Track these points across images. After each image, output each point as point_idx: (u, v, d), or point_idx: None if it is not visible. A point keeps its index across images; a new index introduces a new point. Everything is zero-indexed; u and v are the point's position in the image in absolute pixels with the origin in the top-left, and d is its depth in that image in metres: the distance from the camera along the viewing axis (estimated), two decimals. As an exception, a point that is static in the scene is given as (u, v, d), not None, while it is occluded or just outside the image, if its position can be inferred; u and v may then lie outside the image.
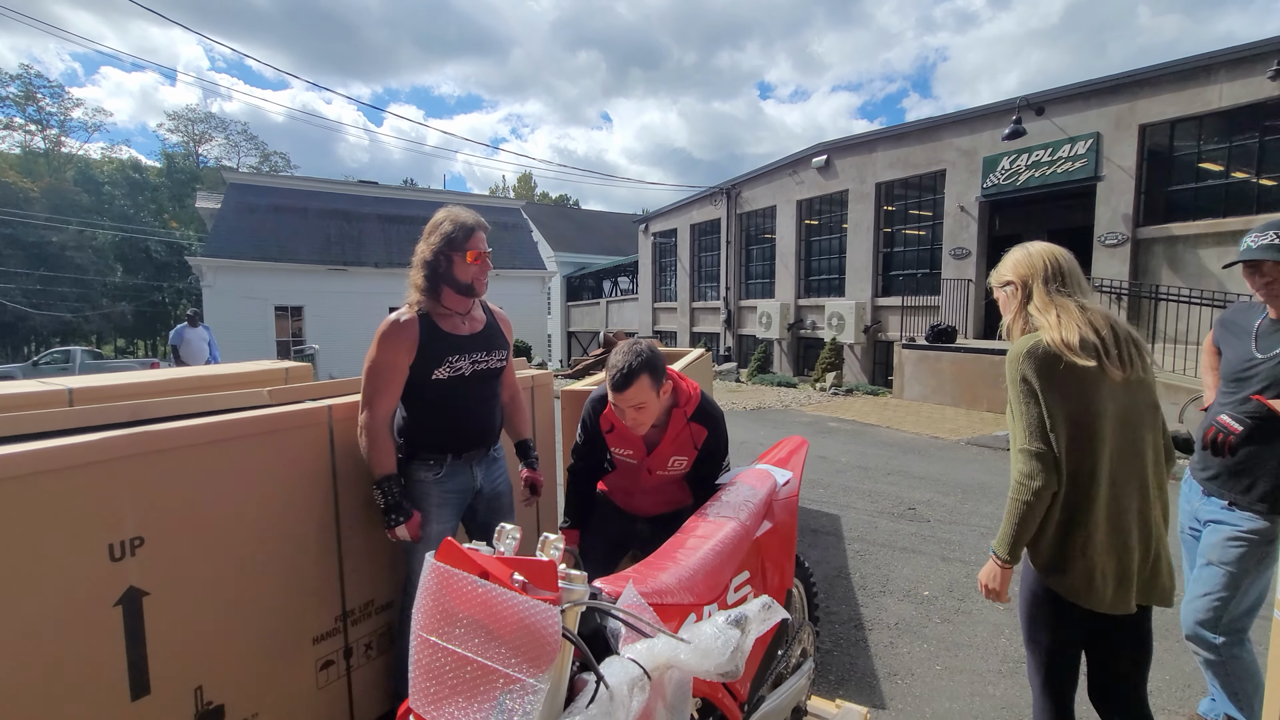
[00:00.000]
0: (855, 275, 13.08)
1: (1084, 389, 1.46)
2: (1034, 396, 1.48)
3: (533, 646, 0.81)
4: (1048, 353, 1.47)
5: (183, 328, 8.94)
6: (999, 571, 1.59)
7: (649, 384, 1.82)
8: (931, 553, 3.88)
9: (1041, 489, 1.45)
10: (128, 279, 35.40)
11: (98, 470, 1.49)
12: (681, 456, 2.01)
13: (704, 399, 2.04)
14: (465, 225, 2.03)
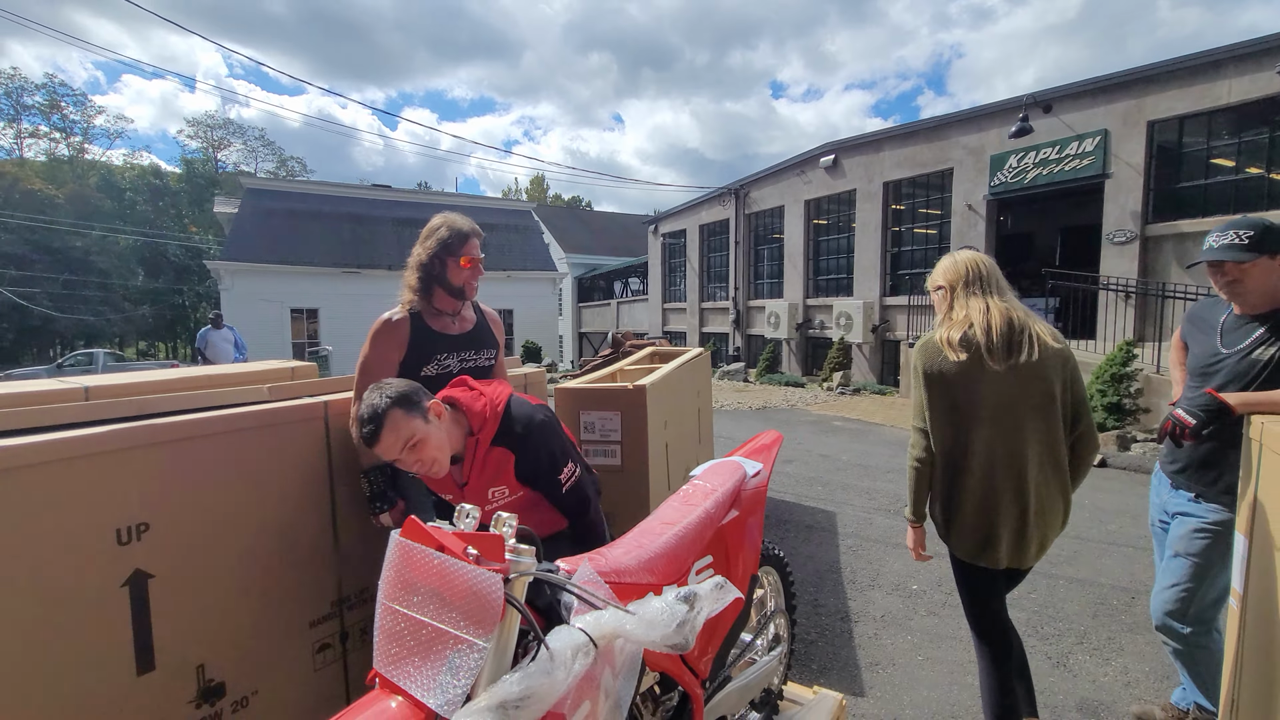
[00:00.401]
0: (863, 275, 13.06)
1: (961, 378, 1.73)
2: (918, 382, 1.84)
3: (478, 610, 0.90)
4: (928, 346, 1.80)
5: (207, 330, 9.15)
6: (910, 530, 2.04)
7: (403, 417, 1.55)
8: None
9: (921, 457, 1.87)
10: (149, 283, 36.15)
11: (107, 460, 1.60)
12: (501, 486, 1.74)
13: (507, 416, 1.74)
14: (460, 232, 2.13)
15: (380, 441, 1.55)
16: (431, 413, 1.62)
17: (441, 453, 1.62)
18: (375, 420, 1.54)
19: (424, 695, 0.88)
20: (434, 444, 1.60)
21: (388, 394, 1.57)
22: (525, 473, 1.73)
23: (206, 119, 44.03)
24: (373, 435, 1.55)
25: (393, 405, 1.55)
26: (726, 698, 1.62)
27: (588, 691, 1.01)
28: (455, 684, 0.87)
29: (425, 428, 1.58)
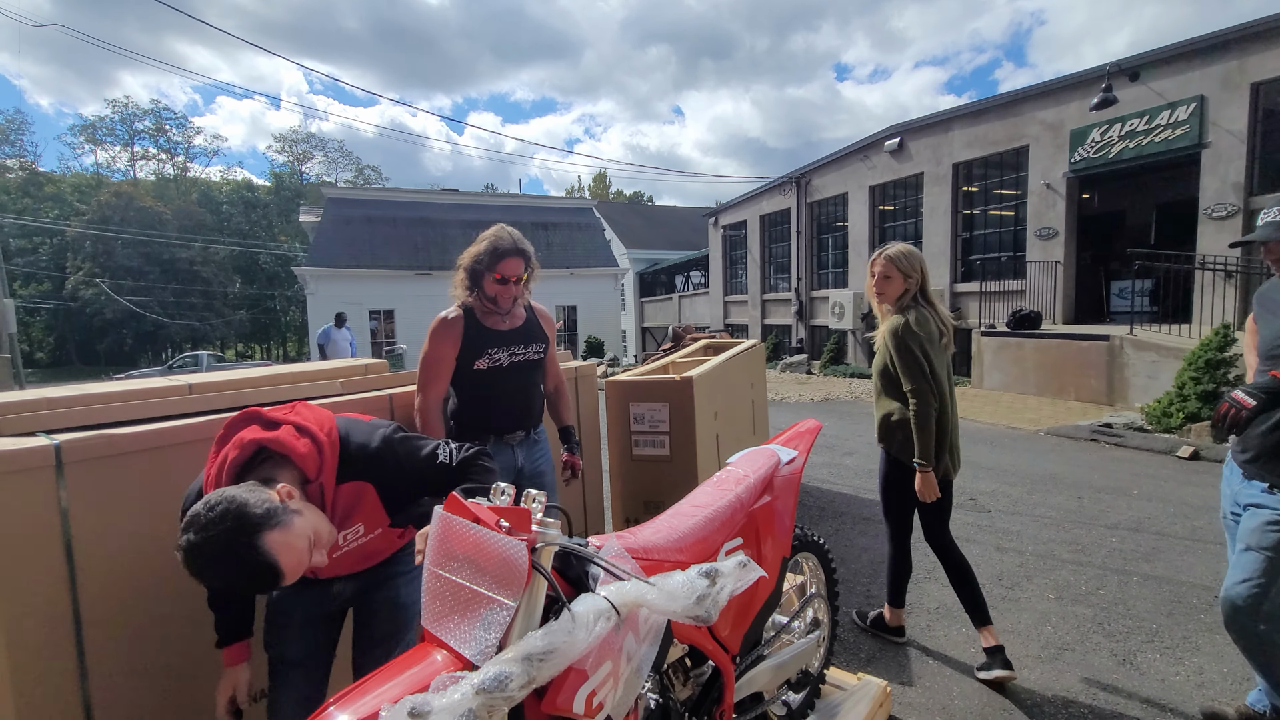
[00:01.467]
0: (932, 261, 12.55)
1: (936, 349, 2.45)
2: (919, 353, 2.40)
3: (507, 574, 1.01)
4: (925, 324, 2.44)
5: (329, 328, 9.79)
6: (925, 476, 2.44)
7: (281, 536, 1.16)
8: (986, 542, 3.81)
9: (934, 405, 2.40)
10: (244, 289, 39.06)
11: (199, 447, 1.82)
12: (357, 524, 1.45)
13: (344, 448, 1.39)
14: (496, 251, 2.25)
15: (209, 576, 1.15)
16: (282, 498, 1.21)
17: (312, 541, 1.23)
18: (208, 556, 1.10)
19: (461, 647, 1.00)
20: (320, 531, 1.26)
21: (226, 508, 1.12)
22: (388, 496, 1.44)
23: (291, 134, 47.06)
24: (203, 569, 1.12)
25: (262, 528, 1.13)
26: (760, 674, 1.68)
27: (609, 653, 1.10)
28: (487, 637, 0.99)
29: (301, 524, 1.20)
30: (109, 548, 1.64)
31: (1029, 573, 3.37)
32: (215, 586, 1.29)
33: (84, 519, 1.60)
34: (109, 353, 34.64)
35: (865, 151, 14.01)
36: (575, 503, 3.17)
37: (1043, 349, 8.91)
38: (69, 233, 34.14)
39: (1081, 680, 2.43)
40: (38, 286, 35.30)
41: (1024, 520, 4.16)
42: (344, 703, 0.93)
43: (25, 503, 1.51)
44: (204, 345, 35.26)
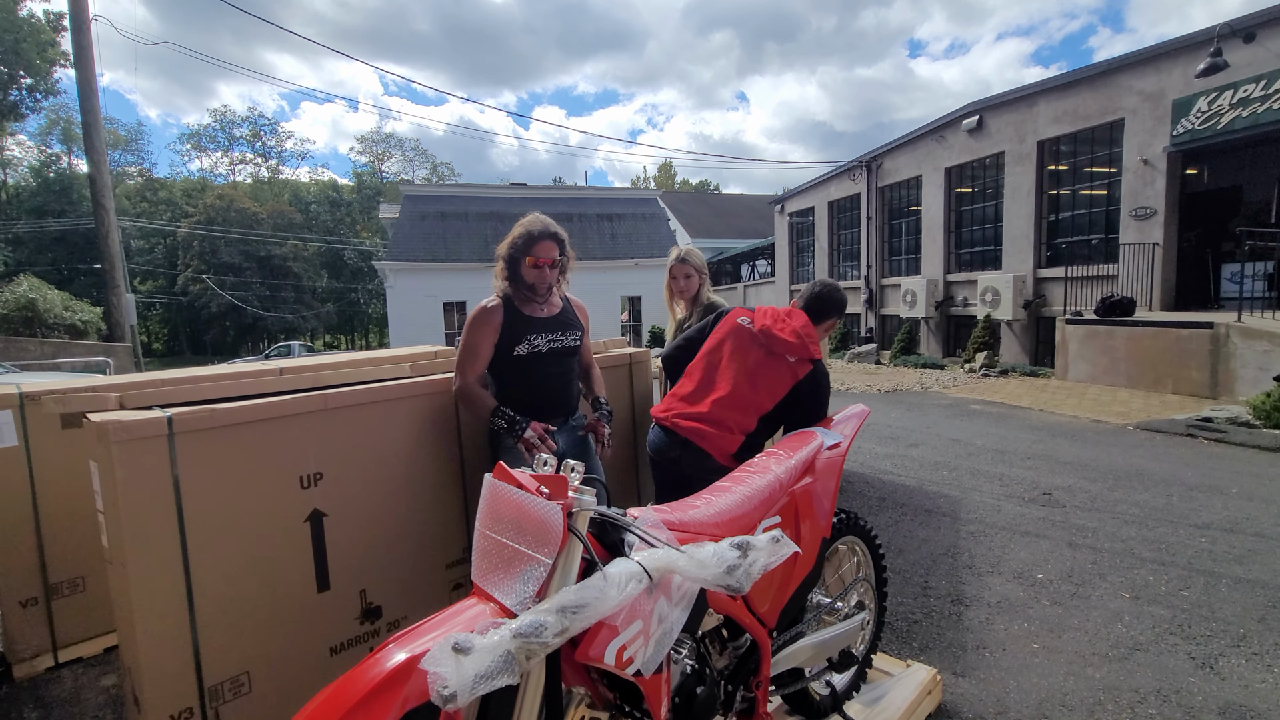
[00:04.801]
0: (1013, 245, 11.89)
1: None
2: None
3: (545, 535, 1.10)
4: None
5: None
6: None
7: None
8: (1057, 538, 3.65)
9: None
10: (331, 283, 41.50)
11: (292, 421, 2.03)
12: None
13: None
14: (530, 234, 2.33)
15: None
16: None
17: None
18: None
19: (504, 598, 1.11)
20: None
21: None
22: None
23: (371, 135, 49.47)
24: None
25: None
26: (799, 651, 1.72)
27: (640, 613, 1.18)
28: (526, 590, 1.09)
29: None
30: (212, 507, 1.86)
31: (1103, 570, 3.21)
32: None
33: (192, 482, 1.82)
34: (214, 343, 37.73)
35: (941, 131, 13.37)
36: (628, 481, 3.26)
37: (1136, 338, 8.30)
38: (179, 233, 37.30)
39: (1153, 681, 2.32)
40: (154, 283, 38.78)
41: (1102, 517, 3.94)
42: (401, 641, 1.05)
43: (145, 467, 1.74)
44: (296, 336, 37.79)
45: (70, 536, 2.66)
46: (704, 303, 3.13)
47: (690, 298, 3.14)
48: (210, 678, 1.87)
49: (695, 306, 3.13)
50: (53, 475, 2.62)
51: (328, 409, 2.10)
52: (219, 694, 1.89)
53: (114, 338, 12.93)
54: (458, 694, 0.92)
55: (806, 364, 2.26)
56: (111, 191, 12.58)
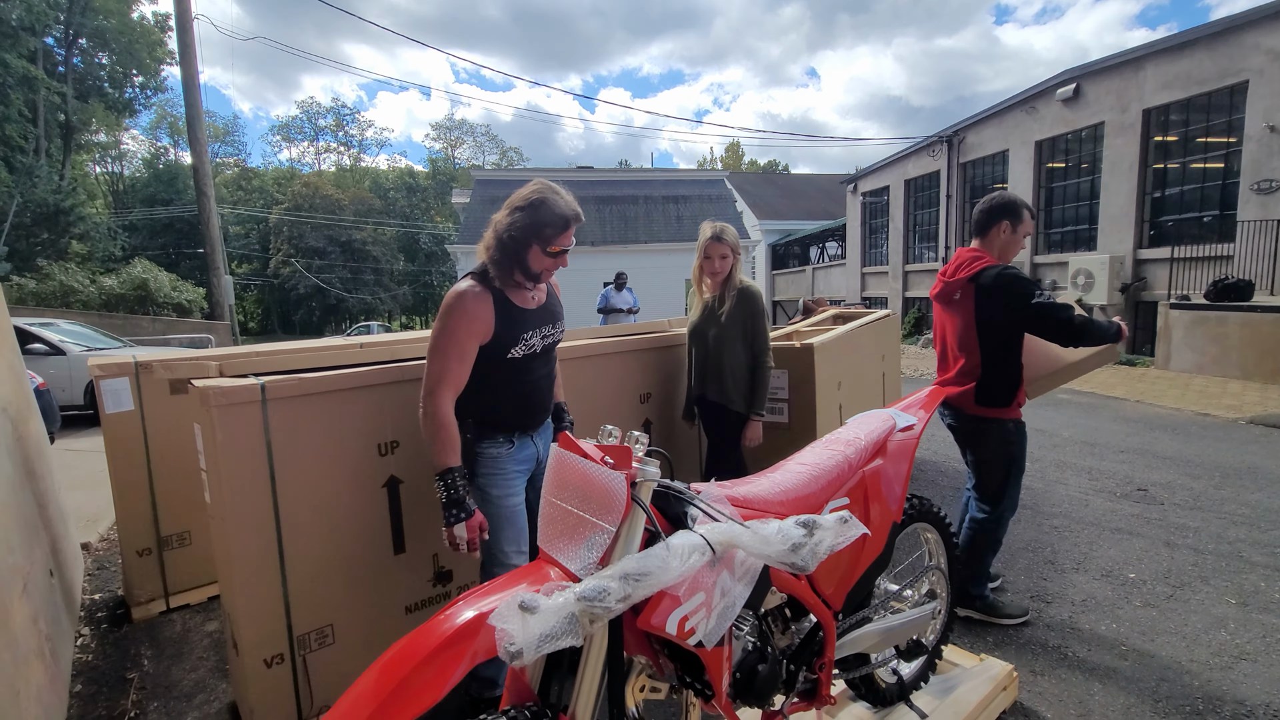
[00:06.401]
0: (1111, 224, 11.01)
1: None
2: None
3: (609, 503, 1.11)
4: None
5: (608, 290, 9.37)
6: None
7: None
8: (1153, 536, 3.39)
9: None
10: (407, 267, 43.27)
11: (371, 391, 2.13)
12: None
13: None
14: (561, 217, 1.84)
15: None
16: None
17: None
18: None
19: (568, 563, 1.13)
20: None
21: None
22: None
23: (445, 122, 50.96)
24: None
25: None
26: (865, 635, 1.68)
27: (702, 585, 1.18)
28: (590, 556, 1.11)
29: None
30: (300, 469, 1.98)
31: (1205, 574, 2.96)
32: None
33: (282, 444, 1.94)
34: (301, 323, 40.17)
35: (1031, 102, 12.48)
36: (692, 460, 3.26)
37: (1253, 324, 7.55)
38: (271, 219, 39.75)
39: (1261, 694, 2.13)
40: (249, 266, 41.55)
41: (1206, 516, 3.63)
42: (471, 599, 1.09)
43: (242, 429, 1.87)
44: (374, 317, 39.70)
45: (178, 493, 2.90)
46: (736, 286, 2.83)
47: (722, 279, 2.84)
48: (299, 627, 2.01)
49: (727, 289, 2.83)
50: (163, 438, 2.87)
51: (404, 380, 2.19)
52: (306, 642, 2.03)
53: (214, 316, 13.97)
54: (524, 651, 0.95)
55: (968, 285, 2.44)
56: (211, 180, 13.52)
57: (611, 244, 20.04)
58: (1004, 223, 2.48)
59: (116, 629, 2.84)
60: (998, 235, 2.50)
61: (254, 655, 1.94)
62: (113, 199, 36.59)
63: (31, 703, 1.82)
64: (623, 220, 21.29)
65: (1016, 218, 2.47)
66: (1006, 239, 2.49)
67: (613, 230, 20.83)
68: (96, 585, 3.30)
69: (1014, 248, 2.51)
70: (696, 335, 2.90)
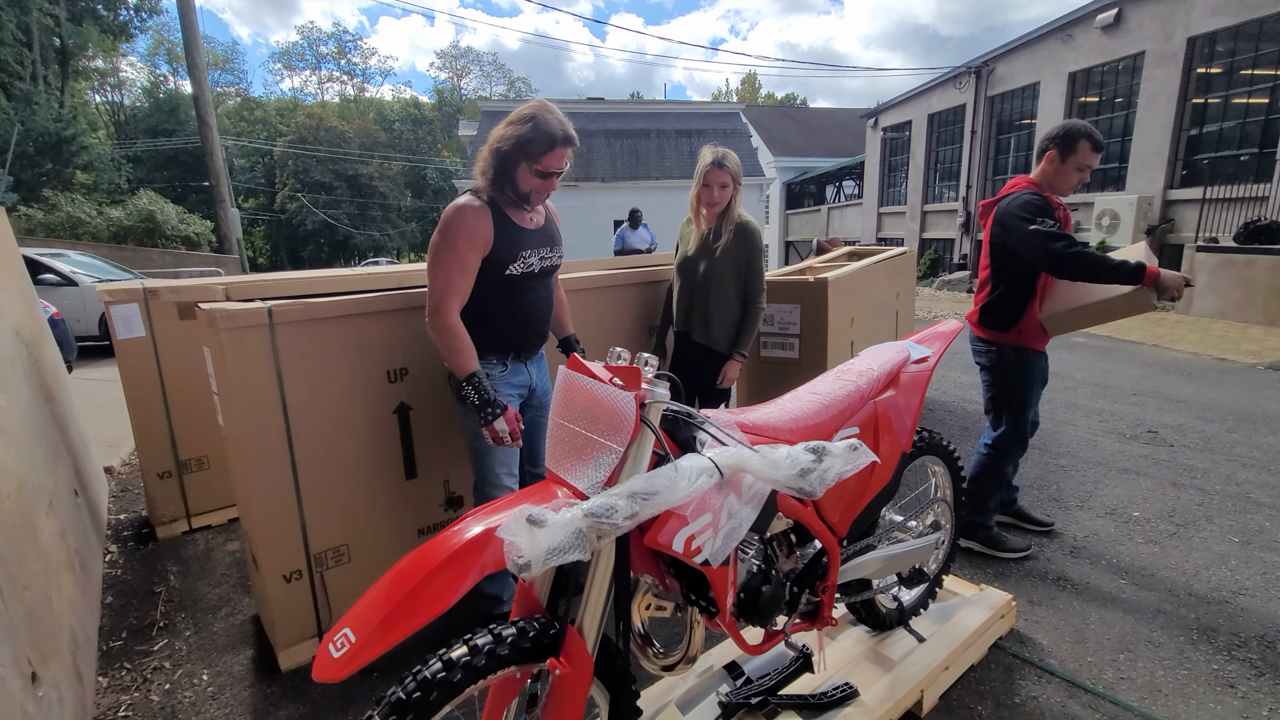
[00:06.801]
0: (1142, 162, 10.57)
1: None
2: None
3: (617, 423, 1.10)
4: None
5: (623, 230, 9.04)
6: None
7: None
8: (1160, 477, 3.39)
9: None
10: (414, 203, 42.63)
11: (379, 318, 2.11)
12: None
13: None
14: (549, 135, 1.81)
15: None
16: None
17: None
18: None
19: (576, 482, 1.13)
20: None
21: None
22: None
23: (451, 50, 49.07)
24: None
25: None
26: (868, 562, 1.70)
27: (709, 507, 1.18)
28: (598, 475, 1.10)
29: None
30: (310, 393, 1.99)
31: (1210, 513, 2.97)
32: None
33: (292, 369, 1.94)
34: (310, 259, 39.99)
35: (1068, 29, 11.77)
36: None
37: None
38: (275, 152, 38.99)
39: (1257, 627, 2.16)
40: (256, 201, 41.09)
41: (1215, 458, 3.62)
42: (479, 515, 1.10)
43: (251, 353, 1.87)
44: (383, 254, 39.42)
45: (194, 419, 2.95)
46: (736, 220, 2.58)
47: (720, 211, 2.58)
48: (315, 546, 2.07)
49: (724, 222, 2.57)
50: (175, 364, 2.89)
51: (412, 307, 2.17)
52: (323, 560, 2.09)
53: (223, 250, 13.92)
54: (531, 564, 0.96)
55: (991, 208, 2.51)
56: (212, 109, 13.17)
57: (622, 180, 19.57)
58: (1051, 151, 2.40)
59: (142, 547, 2.95)
60: (1046, 164, 2.43)
61: (273, 572, 2.00)
62: (115, 130, 35.87)
63: (65, 610, 1.90)
64: (634, 155, 20.70)
65: (1067, 147, 2.36)
66: (1054, 169, 2.41)
67: (624, 166, 20.30)
68: (121, 506, 3.42)
69: (1064, 179, 2.41)
70: (685, 268, 2.68)
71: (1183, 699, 1.85)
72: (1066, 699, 1.85)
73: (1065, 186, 2.42)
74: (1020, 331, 2.50)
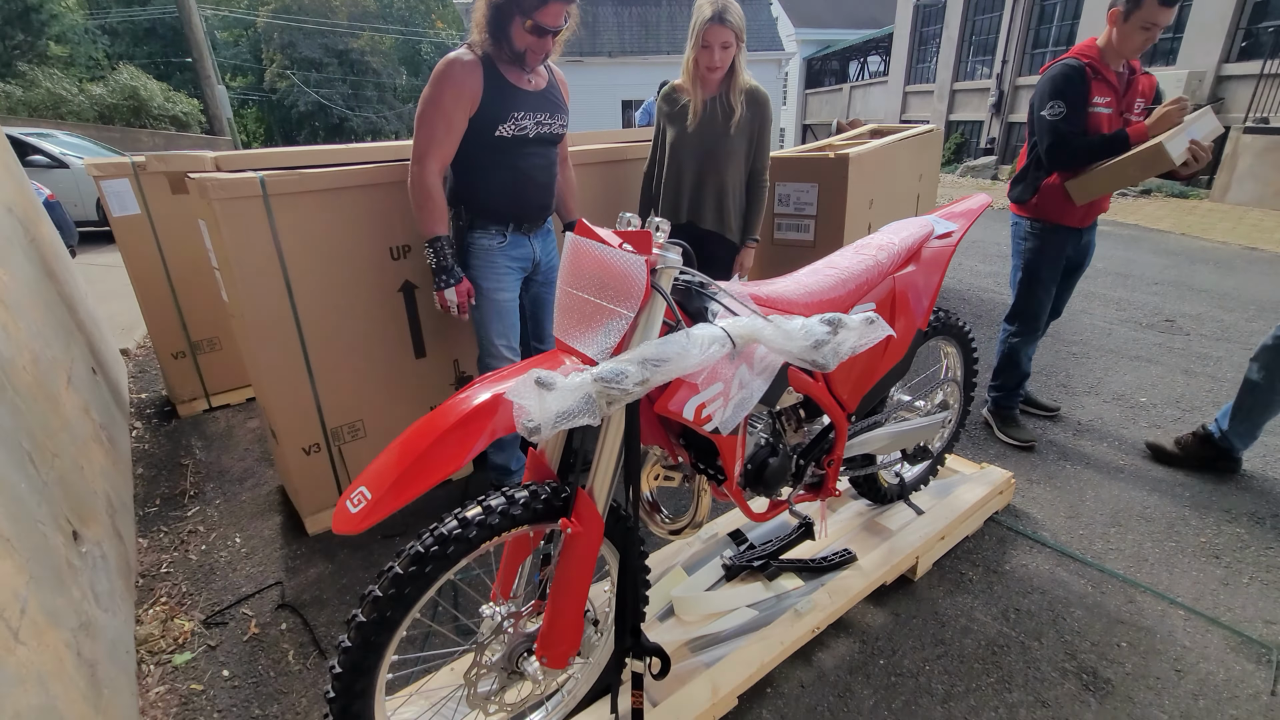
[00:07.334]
0: (1199, 32, 9.65)
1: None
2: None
3: (626, 289, 1.06)
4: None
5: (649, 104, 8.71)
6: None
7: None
8: (1172, 364, 3.37)
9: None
10: (410, 81, 40.24)
11: (377, 191, 2.02)
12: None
13: None
14: None
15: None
16: None
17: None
18: None
19: (585, 349, 1.11)
20: None
21: None
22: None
23: (441, -99, 44.13)
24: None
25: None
26: (874, 438, 1.72)
27: (720, 376, 1.16)
28: (607, 341, 1.08)
29: None
30: (312, 269, 1.95)
31: (1219, 400, 2.97)
32: None
33: (291, 243, 1.89)
34: (306, 143, 38.51)
35: None
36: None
37: (1332, 152, 6.89)
38: (259, 23, 36.35)
39: (1251, 504, 2.22)
40: (244, 79, 38.90)
41: (1231, 347, 3.58)
42: (488, 381, 1.09)
43: (247, 226, 1.81)
44: (381, 137, 37.81)
45: (201, 300, 2.94)
46: (745, 87, 2.26)
47: (722, 76, 2.23)
48: (331, 421, 2.11)
49: (731, 89, 2.24)
50: (175, 242, 2.83)
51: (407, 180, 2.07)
52: (339, 435, 2.14)
53: (214, 131, 13.36)
54: (541, 427, 0.95)
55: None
56: (186, -30, 12.12)
57: (630, 54, 18.26)
58: (1114, 9, 2.19)
59: (165, 424, 3.04)
60: (1109, 24, 2.25)
61: (292, 444, 2.06)
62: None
63: (98, 478, 1.98)
64: (643, 26, 19.17)
65: (1131, 2, 2.14)
66: (1116, 30, 2.22)
67: (632, 39, 18.85)
68: (141, 386, 3.50)
69: (1128, 40, 2.20)
70: (685, 147, 2.29)
71: (1167, 568, 1.93)
72: (1055, 567, 1.94)
73: (1129, 48, 2.21)
74: (1039, 204, 2.41)
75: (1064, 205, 2.37)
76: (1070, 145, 2.26)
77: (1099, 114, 2.27)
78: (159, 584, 1.97)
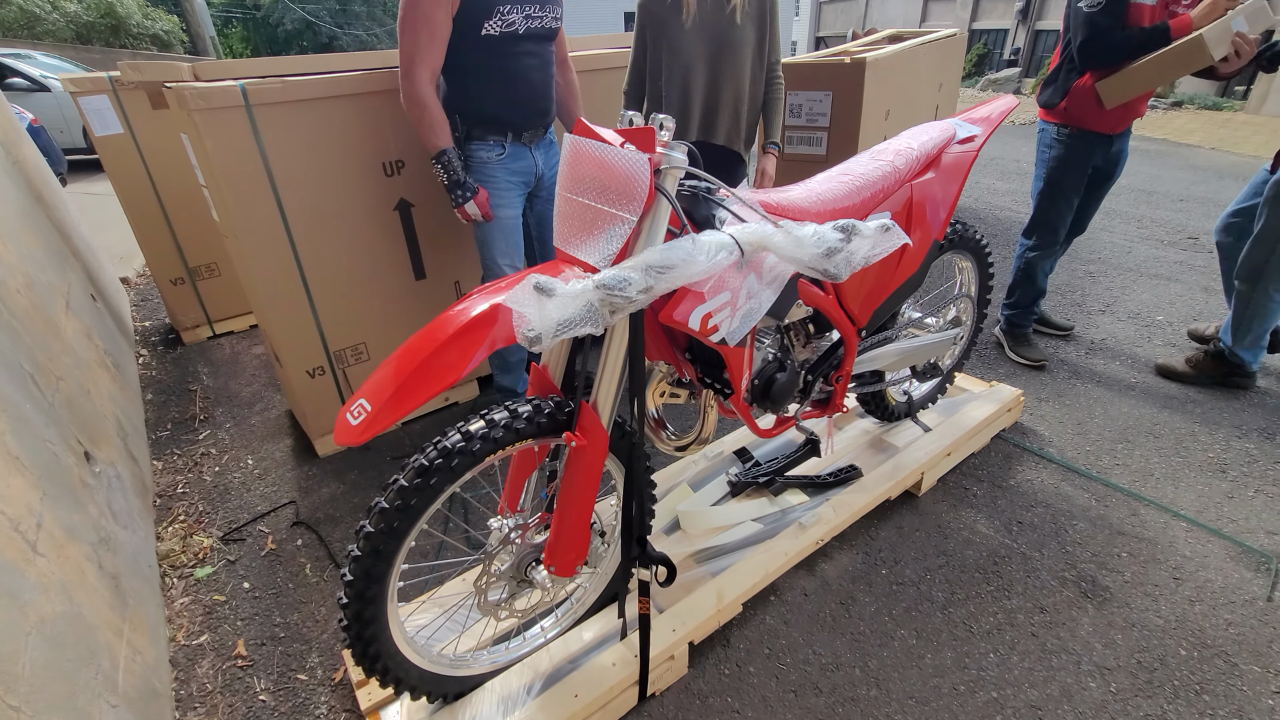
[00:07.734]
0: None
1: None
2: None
3: (630, 190, 1.00)
4: None
5: None
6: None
7: None
8: (1191, 282, 3.29)
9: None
10: (401, -6, 38.02)
11: (366, 100, 1.92)
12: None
13: None
14: None
15: None
16: None
17: None
18: None
19: (586, 256, 1.06)
20: None
21: None
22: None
23: None
24: None
25: None
26: (884, 354, 1.69)
27: (728, 285, 1.12)
28: (610, 248, 1.03)
29: None
30: (303, 185, 1.88)
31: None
32: None
33: (278, 157, 1.81)
34: (296, 65, 36.94)
35: None
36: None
37: (1381, 56, 6.45)
38: (236, -69, 34.03)
39: (1261, 421, 2.20)
40: (225, -5, 36.86)
41: (1254, 264, 3.47)
42: (487, 291, 1.05)
43: (231, 138, 1.72)
44: (374, 58, 36.15)
45: (195, 223, 2.87)
46: None
47: None
48: (334, 344, 2.09)
49: None
50: (162, 160, 2.74)
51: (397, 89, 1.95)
52: (343, 358, 2.13)
53: (197, 50, 12.78)
54: (541, 336, 0.92)
55: None
56: None
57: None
58: None
59: (171, 350, 3.04)
60: None
61: (296, 367, 2.05)
62: (49, -96, 31.22)
63: (106, 402, 1.99)
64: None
65: None
66: None
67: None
68: (144, 314, 3.48)
69: None
70: (688, 49, 1.98)
71: (1172, 482, 1.93)
72: (1060, 481, 1.94)
73: None
74: (1068, 108, 2.27)
75: (1095, 109, 2.23)
76: (1106, 40, 2.09)
77: (1141, 5, 2.09)
78: (176, 504, 2.01)
